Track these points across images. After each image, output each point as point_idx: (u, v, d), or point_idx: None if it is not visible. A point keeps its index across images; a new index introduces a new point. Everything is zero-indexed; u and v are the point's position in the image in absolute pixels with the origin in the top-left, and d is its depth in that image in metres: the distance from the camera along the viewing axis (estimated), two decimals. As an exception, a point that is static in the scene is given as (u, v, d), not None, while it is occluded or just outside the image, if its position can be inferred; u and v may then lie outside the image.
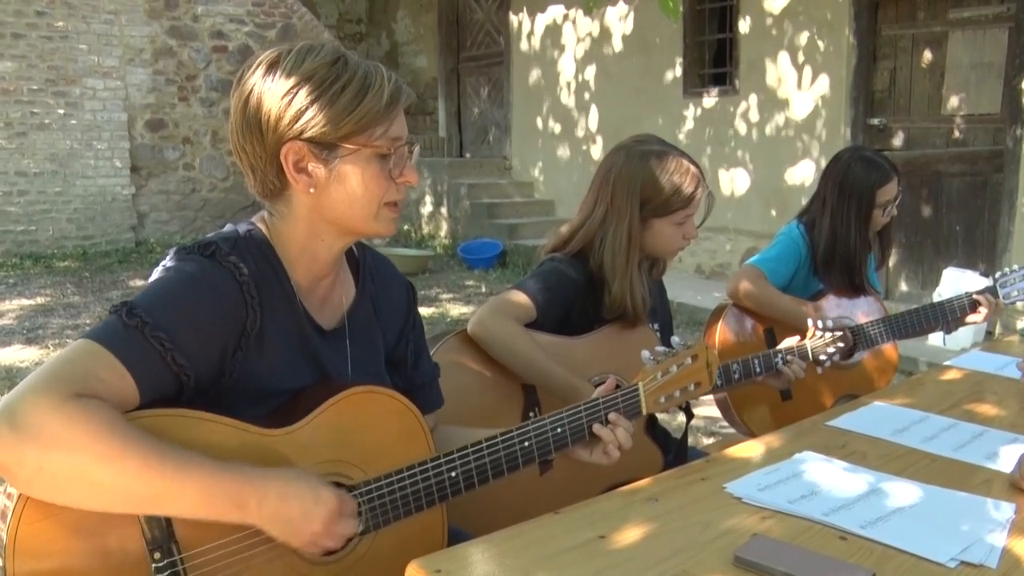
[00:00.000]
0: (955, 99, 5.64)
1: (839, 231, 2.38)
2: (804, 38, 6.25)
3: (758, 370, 2.01)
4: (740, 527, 1.22)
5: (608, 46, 7.80)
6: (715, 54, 7.14)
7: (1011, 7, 5.22)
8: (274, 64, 1.19)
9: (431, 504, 1.26)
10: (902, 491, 1.34)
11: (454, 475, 1.27)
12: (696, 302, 6.09)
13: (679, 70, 7.18)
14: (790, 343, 2.07)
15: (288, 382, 1.25)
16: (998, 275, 2.47)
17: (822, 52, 6.15)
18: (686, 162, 1.89)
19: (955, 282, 5.00)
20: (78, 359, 1.06)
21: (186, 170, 8.61)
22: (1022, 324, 5.20)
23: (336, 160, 1.20)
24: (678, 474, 1.45)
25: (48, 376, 1.04)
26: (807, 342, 2.07)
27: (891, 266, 5.82)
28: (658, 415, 1.98)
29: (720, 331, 2.32)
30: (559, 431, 1.38)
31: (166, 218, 8.59)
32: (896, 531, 1.20)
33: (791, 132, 6.45)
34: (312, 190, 1.21)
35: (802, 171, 6.39)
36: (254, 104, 1.19)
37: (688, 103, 7.18)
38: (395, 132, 1.22)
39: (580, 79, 8.15)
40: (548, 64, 8.46)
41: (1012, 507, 1.29)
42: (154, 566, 1.08)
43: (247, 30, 8.66)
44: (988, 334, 5.12)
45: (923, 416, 1.73)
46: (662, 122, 7.20)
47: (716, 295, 6.13)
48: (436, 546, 1.31)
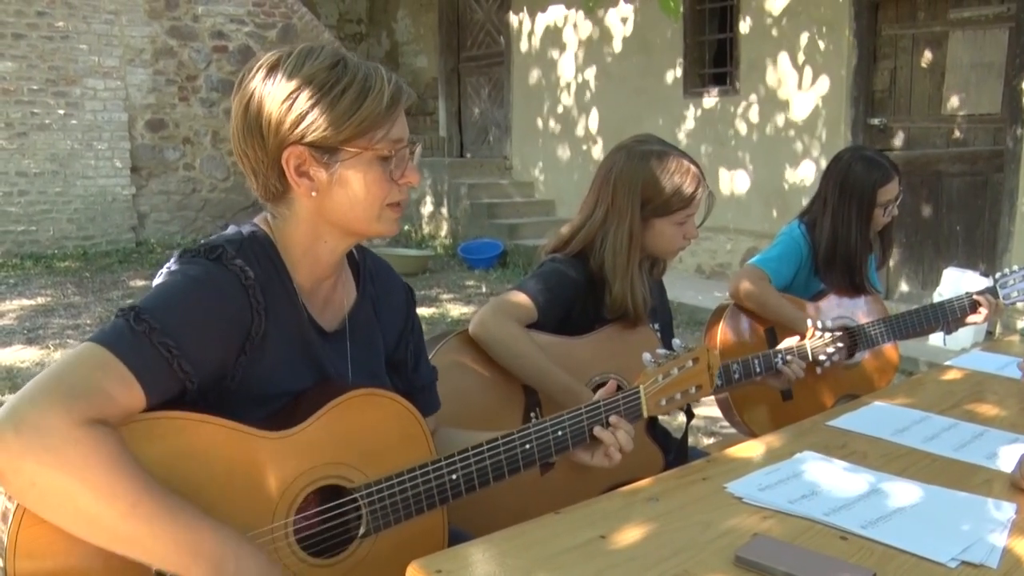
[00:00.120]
0: (955, 99, 5.64)
1: (840, 231, 2.38)
2: (804, 38, 6.25)
3: (758, 370, 2.01)
4: (741, 527, 1.22)
5: (608, 46, 7.80)
6: (715, 54, 7.14)
7: (1011, 7, 5.22)
8: (274, 68, 1.19)
9: (432, 507, 1.26)
10: (903, 491, 1.34)
11: (455, 478, 1.27)
12: (696, 302, 6.09)
13: (679, 70, 7.18)
14: (790, 343, 2.08)
15: (289, 384, 1.25)
16: (998, 275, 2.48)
17: (822, 52, 6.14)
18: (686, 162, 1.89)
19: (955, 282, 5.00)
20: (87, 367, 1.05)
21: (186, 170, 8.61)
22: (1022, 324, 5.20)
23: (337, 164, 1.20)
24: (679, 474, 1.45)
25: (60, 386, 1.02)
26: (807, 342, 2.08)
27: (891, 266, 5.82)
28: (658, 416, 1.98)
29: (721, 331, 2.32)
30: (560, 434, 1.38)
31: (167, 218, 8.60)
32: (897, 531, 1.20)
33: (791, 132, 6.45)
34: (314, 194, 1.21)
35: (802, 171, 6.39)
36: (255, 109, 1.19)
37: (688, 103, 7.18)
38: (396, 134, 1.22)
39: (580, 79, 8.15)
40: (548, 64, 8.46)
41: (1013, 507, 1.29)
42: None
43: (247, 30, 8.66)
44: (988, 334, 5.12)
45: (923, 416, 1.73)
46: (662, 122, 7.20)
47: (717, 295, 6.13)
48: (437, 547, 1.31)
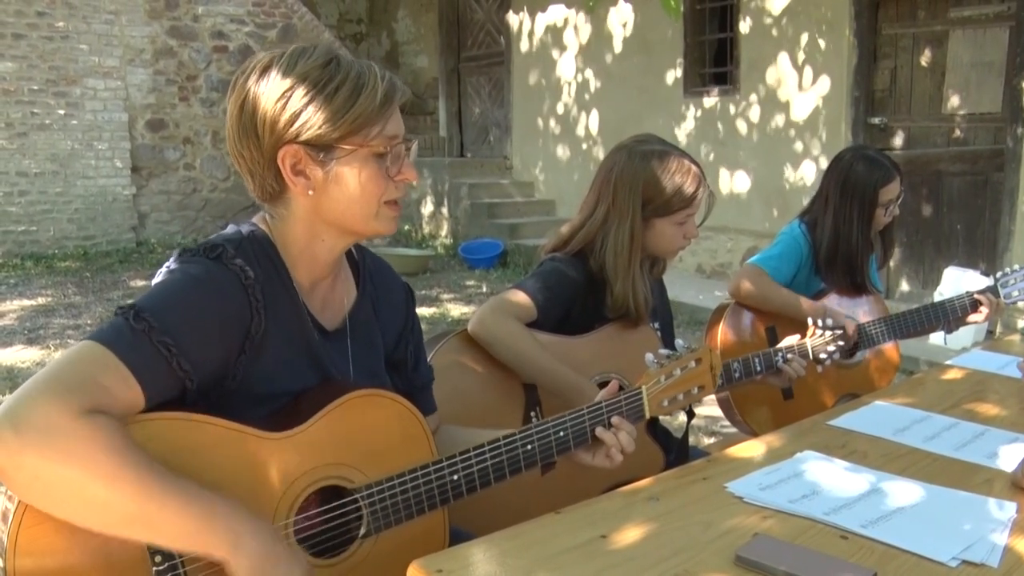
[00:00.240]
0: (956, 98, 5.63)
1: (841, 230, 2.38)
2: (805, 37, 6.25)
3: (758, 368, 2.01)
4: (741, 527, 1.22)
5: (609, 46, 7.79)
6: (716, 54, 7.14)
7: (1012, 6, 5.21)
8: (267, 68, 1.19)
9: (433, 507, 1.26)
10: (903, 490, 1.34)
11: (456, 478, 1.27)
12: (697, 301, 6.09)
13: (680, 70, 7.17)
14: (790, 342, 2.08)
15: (291, 383, 1.25)
16: (999, 275, 2.47)
17: (823, 51, 6.14)
18: (687, 162, 1.89)
19: (956, 281, 5.00)
20: (85, 364, 1.05)
21: (187, 170, 8.61)
22: (1023, 323, 5.20)
23: (333, 161, 1.20)
24: (679, 474, 1.44)
25: (56, 383, 1.03)
26: (807, 340, 2.07)
27: (892, 265, 5.82)
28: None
29: (722, 330, 2.32)
30: (561, 434, 1.38)
31: (167, 218, 8.60)
32: (897, 530, 1.20)
33: (792, 131, 6.44)
34: (310, 192, 1.21)
35: (803, 170, 6.39)
36: (249, 109, 1.19)
37: (689, 103, 7.18)
38: (391, 130, 1.22)
39: (581, 79, 8.15)
40: (549, 64, 8.46)
41: (1013, 506, 1.29)
42: (155, 569, 1.08)
43: (247, 30, 8.66)
44: (989, 333, 5.12)
45: (924, 415, 1.73)
46: (663, 122, 7.19)
47: (717, 294, 6.13)
48: (438, 547, 1.31)
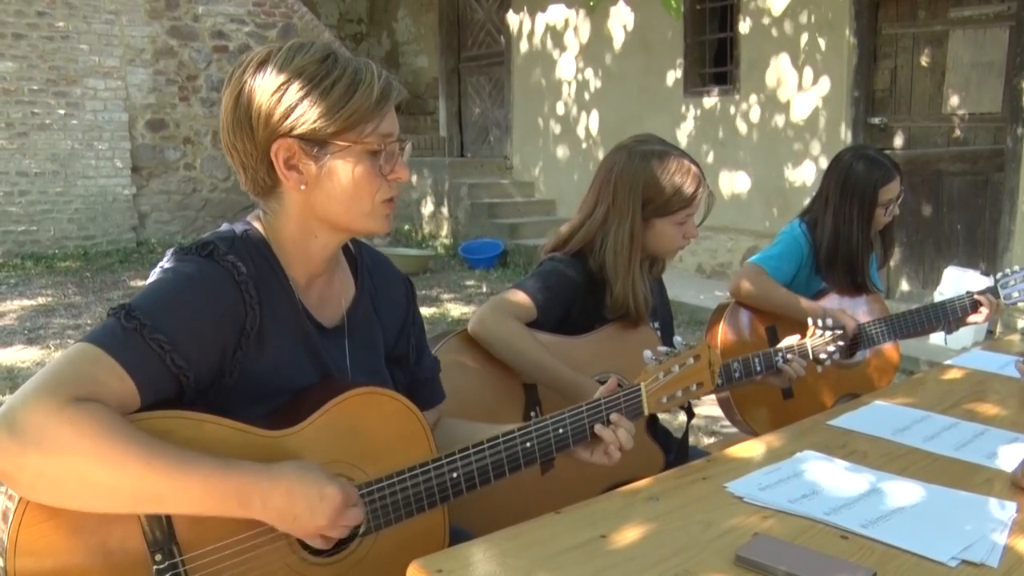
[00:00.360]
0: (956, 98, 5.63)
1: (841, 230, 2.38)
2: (805, 37, 6.25)
3: (758, 368, 2.01)
4: (741, 526, 1.22)
5: (609, 46, 7.79)
6: (716, 54, 7.14)
7: (1012, 6, 5.21)
8: (264, 61, 1.19)
9: (432, 505, 1.26)
10: (903, 490, 1.34)
11: (455, 476, 1.27)
12: (697, 301, 6.09)
13: (680, 70, 7.17)
14: (790, 342, 2.08)
15: (289, 381, 1.25)
16: (999, 276, 2.47)
17: (823, 51, 6.14)
18: (687, 162, 1.89)
19: (956, 281, 5.00)
20: (78, 363, 1.06)
21: (187, 170, 8.62)
22: (1023, 323, 5.20)
23: (326, 157, 1.20)
24: (679, 473, 1.44)
25: (48, 381, 1.03)
26: (807, 340, 2.07)
27: (892, 265, 5.82)
28: (659, 414, 1.98)
29: (722, 330, 2.32)
30: (560, 431, 1.38)
31: (167, 218, 8.60)
32: (897, 530, 1.20)
33: (792, 131, 6.44)
34: (303, 187, 1.21)
35: (803, 170, 6.39)
36: (244, 101, 1.19)
37: (689, 103, 7.17)
38: (385, 129, 1.22)
39: (581, 79, 8.15)
40: (549, 64, 8.46)
41: (1014, 506, 1.29)
42: (155, 568, 1.08)
43: (248, 30, 8.66)
44: (989, 333, 5.12)
45: (924, 415, 1.73)
46: (663, 122, 7.19)
47: (717, 294, 6.13)
48: (437, 546, 1.31)
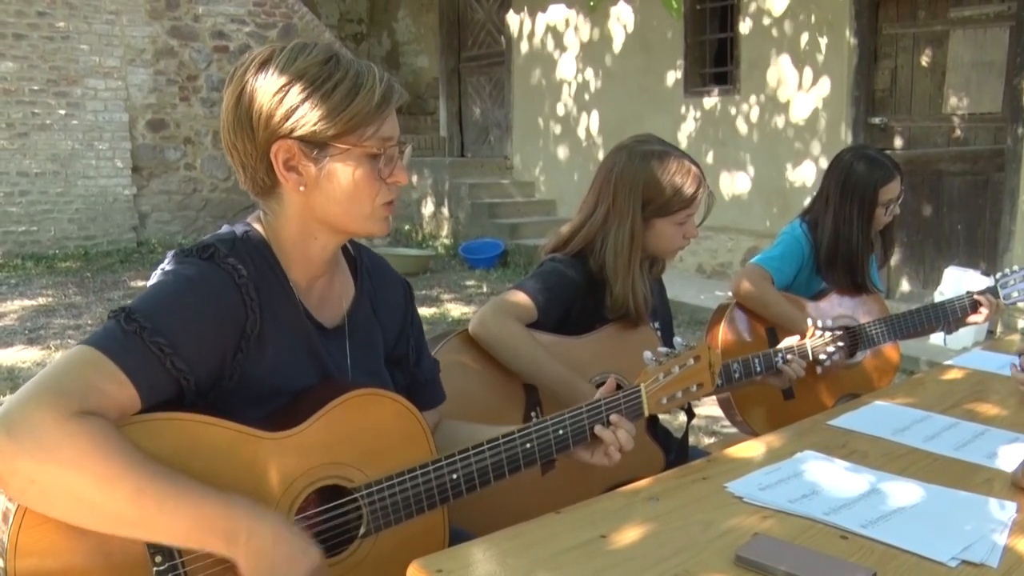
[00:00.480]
0: (956, 98, 5.63)
1: (842, 230, 2.38)
2: (805, 37, 6.25)
3: (758, 369, 2.01)
4: (741, 526, 1.22)
5: (609, 46, 7.79)
6: (716, 54, 7.14)
7: (1012, 6, 5.21)
8: (266, 62, 1.19)
9: (432, 506, 1.26)
10: (903, 490, 1.34)
11: (455, 477, 1.27)
12: (697, 301, 6.09)
13: (680, 70, 7.17)
14: (790, 342, 2.08)
15: (290, 382, 1.25)
16: (999, 276, 2.47)
17: (823, 51, 6.14)
18: (687, 162, 1.89)
19: (956, 281, 5.00)
20: (78, 368, 1.06)
21: (187, 170, 8.62)
22: (1023, 323, 5.20)
23: (326, 159, 1.20)
24: (679, 474, 1.44)
25: (50, 387, 1.03)
26: (807, 341, 2.08)
27: (892, 265, 5.82)
28: (659, 415, 1.98)
29: (723, 330, 2.32)
30: (560, 433, 1.38)
31: (168, 218, 8.60)
32: (897, 530, 1.20)
33: (792, 131, 6.44)
34: (302, 188, 1.21)
35: (803, 170, 6.39)
36: (246, 101, 1.18)
37: (689, 103, 7.17)
38: (386, 132, 1.22)
39: (581, 79, 8.15)
40: (549, 64, 8.46)
41: (1014, 506, 1.29)
42: (155, 569, 1.08)
43: (248, 30, 8.67)
44: (989, 333, 5.12)
45: (924, 415, 1.73)
46: (663, 122, 7.19)
47: (717, 294, 6.14)
48: (437, 546, 1.31)
